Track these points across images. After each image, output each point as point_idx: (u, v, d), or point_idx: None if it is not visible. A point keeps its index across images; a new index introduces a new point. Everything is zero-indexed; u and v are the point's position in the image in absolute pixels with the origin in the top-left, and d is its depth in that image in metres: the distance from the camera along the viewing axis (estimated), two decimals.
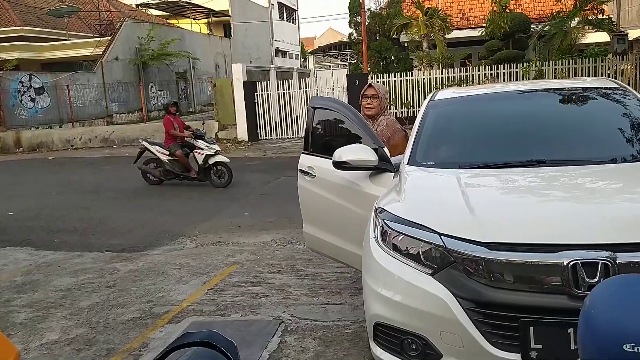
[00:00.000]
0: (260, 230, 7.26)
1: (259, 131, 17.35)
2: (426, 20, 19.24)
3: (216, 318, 4.47)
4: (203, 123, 17.78)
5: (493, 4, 14.35)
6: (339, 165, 3.71)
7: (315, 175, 4.27)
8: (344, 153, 3.70)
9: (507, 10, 14.28)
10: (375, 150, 3.73)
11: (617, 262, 2.29)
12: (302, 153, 4.44)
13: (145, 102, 23.68)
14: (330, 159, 3.86)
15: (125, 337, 4.23)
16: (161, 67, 25.32)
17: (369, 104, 4.60)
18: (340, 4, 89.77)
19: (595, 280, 2.30)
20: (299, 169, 4.42)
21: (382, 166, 3.78)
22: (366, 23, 20.39)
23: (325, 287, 5.01)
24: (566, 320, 2.31)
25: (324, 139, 4.54)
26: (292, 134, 17.25)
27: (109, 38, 24.41)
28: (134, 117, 23.48)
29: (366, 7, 20.72)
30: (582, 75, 15.69)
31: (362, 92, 4.69)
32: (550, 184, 3.05)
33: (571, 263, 2.32)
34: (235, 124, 17.41)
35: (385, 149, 3.96)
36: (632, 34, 18.12)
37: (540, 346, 2.34)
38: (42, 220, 8.48)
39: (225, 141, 17.39)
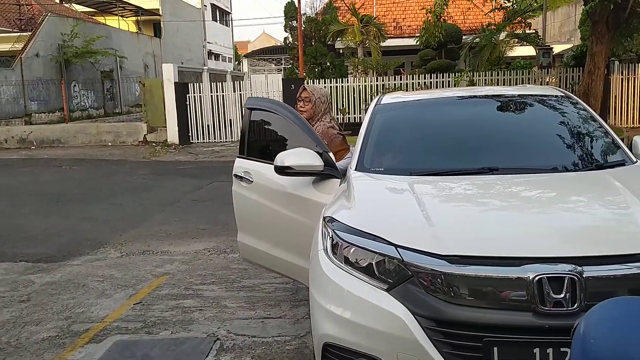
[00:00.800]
0: (192, 238, 6.86)
1: (190, 134, 16.81)
2: (362, 27, 19.36)
3: (143, 336, 4.08)
4: None
5: (428, 14, 14.60)
6: (281, 170, 3.45)
7: (252, 181, 3.98)
8: (287, 157, 3.44)
9: (442, 20, 14.57)
10: (320, 154, 3.50)
11: (584, 276, 2.16)
12: (238, 157, 4.14)
13: (67, 101, 22.44)
14: (270, 163, 3.60)
15: (39, 359, 3.77)
16: (85, 65, 24.09)
17: (301, 107, 4.39)
18: (275, 9, 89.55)
19: (562, 296, 2.16)
20: (234, 174, 4.12)
21: (328, 172, 3.56)
22: (302, 28, 20.25)
23: (263, 299, 4.72)
24: (532, 340, 2.16)
25: (262, 142, 4.27)
26: (226, 138, 16.81)
27: (30, 33, 23.01)
28: (55, 117, 22.18)
29: (302, 12, 20.59)
30: (509, 86, 16.21)
31: (297, 94, 4.48)
32: (508, 193, 2.92)
33: (537, 277, 2.16)
34: (166, 127, 16.78)
35: (331, 154, 3.75)
36: (556, 49, 18.97)
37: None
38: None
39: (154, 144, 16.73)
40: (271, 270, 4.38)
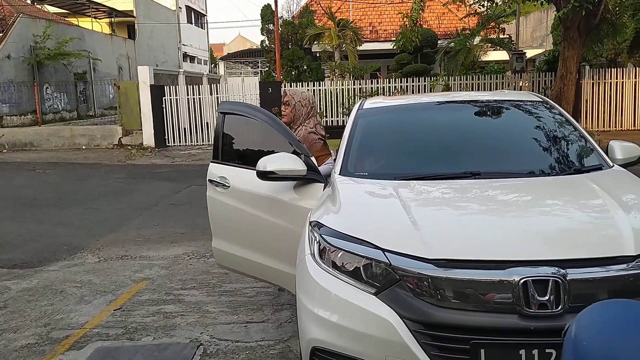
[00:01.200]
0: (171, 243, 6.80)
1: (167, 137, 16.65)
2: (338, 31, 19.43)
3: (124, 342, 4.03)
4: None
5: (404, 19, 14.75)
6: (264, 175, 3.45)
7: (229, 186, 3.95)
8: (269, 162, 3.44)
9: (418, 24, 14.74)
10: (302, 159, 3.52)
11: (568, 278, 2.21)
12: (212, 162, 4.10)
13: (39, 104, 22.02)
14: (248, 168, 3.61)
15: None
16: (58, 67, 23.64)
17: (283, 110, 4.44)
18: (250, 11, 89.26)
19: (546, 298, 2.21)
20: (209, 179, 4.07)
21: (311, 176, 3.58)
22: (279, 31, 20.25)
23: (245, 303, 4.70)
24: (518, 341, 2.21)
25: (238, 146, 4.23)
26: (203, 141, 16.69)
27: (0, 35, 22.51)
28: (27, 120, 21.73)
29: (279, 15, 20.59)
30: (484, 90, 16.44)
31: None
32: (491, 198, 2.98)
33: (522, 280, 2.21)
34: (141, 129, 16.59)
35: (313, 158, 3.76)
36: (529, 53, 19.31)
37: None
38: None
39: (130, 147, 16.54)
40: (249, 275, 4.36)
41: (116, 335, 4.14)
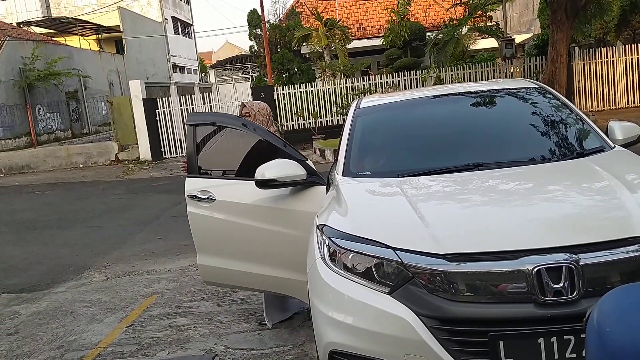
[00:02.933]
0: (176, 255, 6.79)
1: (163, 150, 16.65)
2: (326, 31, 19.43)
3: (140, 359, 4.03)
4: None
5: (392, 14, 14.75)
6: (264, 184, 3.44)
7: (214, 199, 3.84)
8: (268, 170, 3.42)
9: (406, 19, 14.75)
10: (300, 163, 3.54)
11: (581, 263, 2.21)
12: (188, 177, 3.98)
13: (33, 125, 21.99)
14: (236, 179, 3.57)
15: None
16: (49, 87, 23.58)
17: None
18: (236, 17, 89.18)
19: (561, 285, 2.21)
20: (188, 195, 3.94)
21: (312, 180, 3.59)
22: (267, 35, 20.24)
23: (256, 311, 4.69)
24: (535, 330, 2.20)
25: (215, 157, 4.13)
26: None
27: None
28: (22, 143, 21.70)
29: (265, 19, 20.57)
30: (475, 80, 16.45)
31: (238, 112, 4.48)
32: (497, 188, 2.97)
33: (535, 269, 2.21)
34: (137, 144, 16.59)
35: (309, 161, 3.77)
36: (518, 39, 19.32)
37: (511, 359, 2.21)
38: None
39: (127, 162, 16.53)
40: (243, 288, 4.27)
41: (131, 352, 4.14)
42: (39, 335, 4.68)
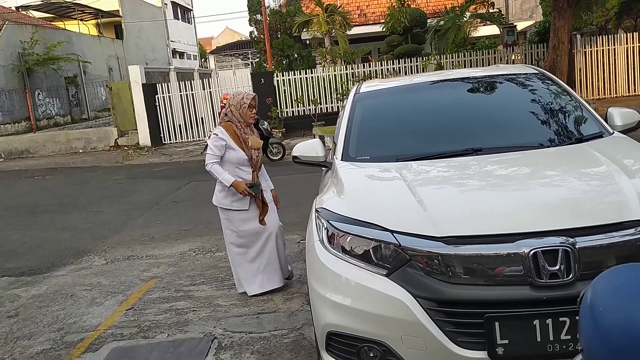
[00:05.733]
0: (175, 240, 6.82)
1: (162, 135, 16.62)
2: (327, 17, 19.31)
3: (140, 341, 4.06)
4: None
5: (392, 0, 14.65)
6: (293, 159, 3.74)
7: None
8: (296, 148, 3.72)
9: (406, 5, 14.65)
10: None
11: (577, 247, 2.23)
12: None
13: (33, 110, 21.94)
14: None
15: None
16: (48, 72, 23.47)
17: (254, 113, 4.63)
18: (236, 2, 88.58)
19: (557, 267, 2.23)
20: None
21: (326, 163, 3.71)
22: (267, 21, 20.12)
23: (254, 295, 4.72)
24: (531, 312, 2.23)
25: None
26: (198, 137, 16.66)
27: None
28: (21, 127, 21.65)
29: (265, 5, 20.44)
30: (476, 67, 16.38)
31: (248, 102, 4.56)
32: (495, 173, 2.99)
33: (532, 252, 2.23)
34: (136, 129, 16.56)
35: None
36: (519, 26, 19.22)
37: (506, 341, 2.23)
38: None
39: (126, 148, 16.52)
40: None
41: (130, 335, 4.17)
42: (39, 318, 4.71)
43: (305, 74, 16.82)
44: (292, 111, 16.67)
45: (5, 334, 4.44)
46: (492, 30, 20.70)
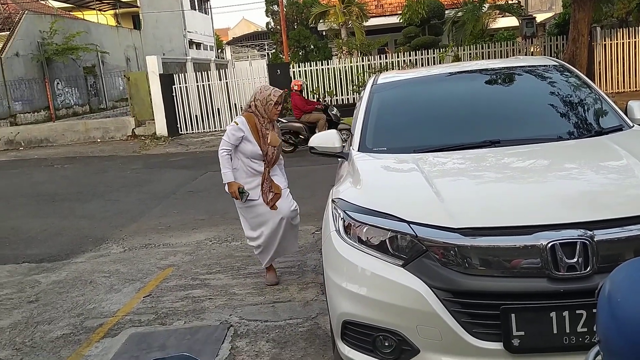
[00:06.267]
0: (192, 229, 6.88)
1: (179, 126, 16.72)
2: (343, 8, 19.24)
3: (157, 327, 4.13)
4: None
5: None
6: (310, 150, 3.73)
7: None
8: (313, 139, 3.72)
9: None
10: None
11: (595, 239, 2.22)
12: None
13: (52, 99, 22.20)
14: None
15: (56, 357, 3.81)
16: (67, 62, 23.74)
17: (279, 110, 4.61)
18: None
19: (574, 260, 2.22)
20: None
21: (342, 154, 3.71)
22: (284, 11, 20.10)
23: (270, 284, 4.76)
24: (548, 304, 2.23)
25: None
26: (214, 127, 16.75)
27: (8, 33, 22.63)
28: (40, 117, 21.94)
29: None
30: (495, 58, 16.22)
31: (275, 99, 4.54)
32: (513, 165, 2.98)
33: (549, 244, 2.23)
34: (153, 119, 16.67)
35: None
36: (539, 18, 18.98)
37: (522, 333, 2.24)
38: None
39: (143, 137, 16.64)
40: None
41: (148, 321, 4.24)
42: (59, 303, 4.80)
43: (322, 65, 16.79)
44: None
45: (26, 318, 4.53)
46: (511, 22, 20.48)
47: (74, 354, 3.83)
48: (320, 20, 20.93)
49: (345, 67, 16.76)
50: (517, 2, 19.25)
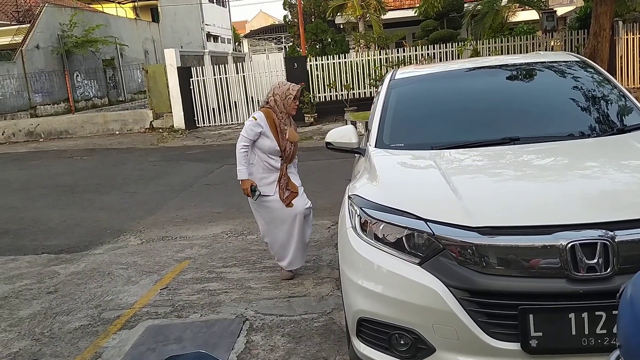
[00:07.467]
0: (208, 222, 6.93)
1: (196, 118, 16.79)
2: (361, 1, 19.12)
3: (174, 320, 4.16)
4: None
5: None
6: (326, 145, 3.73)
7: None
8: (329, 135, 3.71)
9: None
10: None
11: (616, 240, 2.19)
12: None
13: (71, 92, 22.43)
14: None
15: (74, 348, 3.86)
16: (87, 54, 23.97)
17: (297, 104, 4.63)
18: None
19: (595, 261, 2.19)
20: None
21: (359, 150, 3.71)
22: (302, 4, 20.05)
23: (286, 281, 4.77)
24: (566, 305, 2.20)
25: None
26: (231, 121, 16.79)
27: (29, 25, 22.88)
28: (60, 108, 22.19)
29: None
30: (514, 53, 16.03)
31: (294, 94, 4.56)
32: (532, 163, 2.94)
33: (569, 244, 2.20)
34: (171, 112, 16.77)
35: None
36: (559, 11, 18.70)
37: (540, 334, 2.21)
38: None
39: (161, 130, 16.76)
40: None
41: (165, 314, 4.27)
42: (77, 295, 4.86)
43: (339, 58, 16.72)
44: (325, 96, 16.61)
45: (45, 309, 4.59)
46: (531, 15, 20.23)
47: (92, 345, 3.87)
48: (338, 13, 20.84)
49: (362, 60, 16.67)
50: None
